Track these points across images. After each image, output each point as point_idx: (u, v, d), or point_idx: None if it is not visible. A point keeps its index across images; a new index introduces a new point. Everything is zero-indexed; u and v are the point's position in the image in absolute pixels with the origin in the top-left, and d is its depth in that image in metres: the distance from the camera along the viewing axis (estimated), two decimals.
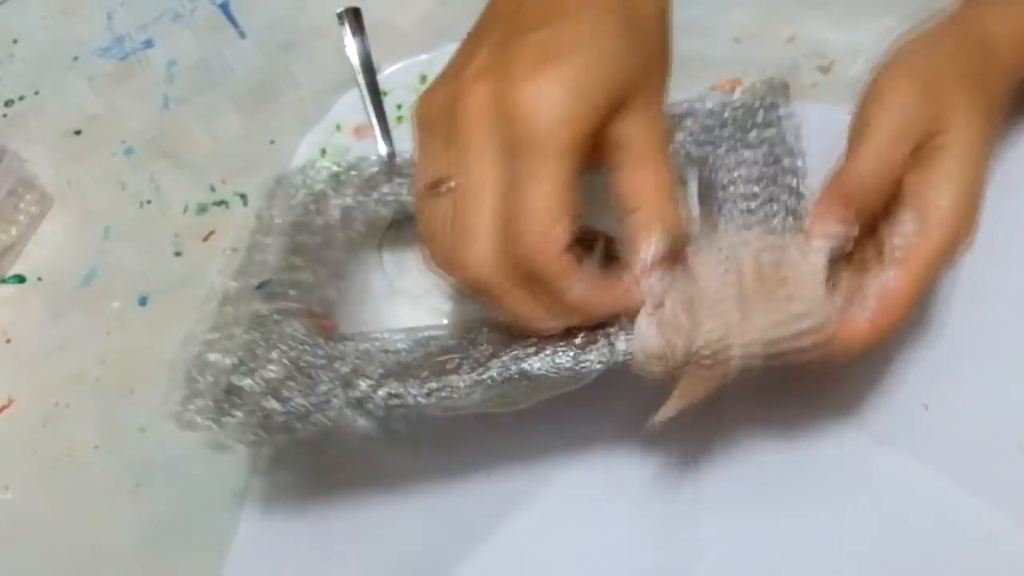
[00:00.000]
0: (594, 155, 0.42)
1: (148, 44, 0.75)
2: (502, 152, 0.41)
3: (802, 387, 0.55)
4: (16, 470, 0.62)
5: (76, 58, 0.75)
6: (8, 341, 0.66)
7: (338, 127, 0.61)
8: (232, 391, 0.49)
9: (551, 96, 0.40)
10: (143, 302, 0.66)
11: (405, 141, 0.57)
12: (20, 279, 0.68)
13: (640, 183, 0.43)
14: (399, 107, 0.66)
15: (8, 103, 0.75)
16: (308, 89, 0.70)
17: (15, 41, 0.77)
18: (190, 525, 0.59)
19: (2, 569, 0.60)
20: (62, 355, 0.65)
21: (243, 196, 0.68)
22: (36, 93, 0.75)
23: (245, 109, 0.71)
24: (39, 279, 0.68)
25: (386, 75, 0.68)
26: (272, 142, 0.69)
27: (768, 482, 0.53)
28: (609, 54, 0.41)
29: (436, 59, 0.67)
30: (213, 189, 0.69)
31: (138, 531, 0.59)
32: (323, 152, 0.60)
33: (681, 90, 0.61)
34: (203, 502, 0.59)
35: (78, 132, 0.73)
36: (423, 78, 0.67)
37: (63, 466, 0.62)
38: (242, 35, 0.74)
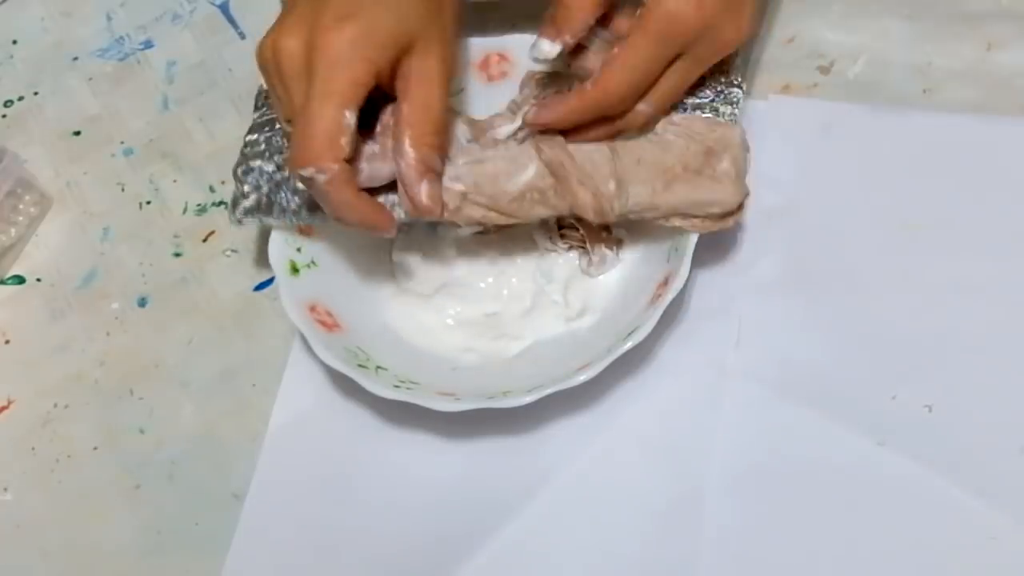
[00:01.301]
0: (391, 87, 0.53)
1: (148, 45, 0.75)
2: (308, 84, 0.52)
3: (802, 386, 0.55)
4: (16, 470, 0.62)
5: (75, 59, 0.75)
6: (8, 342, 0.66)
7: None
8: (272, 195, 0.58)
9: (342, 44, 0.51)
10: (143, 303, 0.66)
11: None
12: (19, 280, 0.68)
13: (410, 107, 0.53)
14: None
15: (7, 103, 0.74)
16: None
17: (15, 41, 0.77)
18: (190, 525, 0.59)
19: (2, 569, 0.60)
20: (62, 356, 0.65)
21: None
22: (35, 94, 0.74)
23: (245, 109, 0.70)
24: (38, 280, 0.68)
25: None
26: None
27: (770, 483, 0.53)
28: (393, 11, 0.52)
29: None
30: (213, 190, 0.69)
31: (138, 531, 0.59)
32: None
33: None
34: (203, 502, 0.59)
35: (77, 133, 0.72)
36: None
37: (63, 467, 0.62)
38: (242, 36, 0.74)
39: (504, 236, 0.60)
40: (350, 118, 0.51)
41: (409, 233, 0.60)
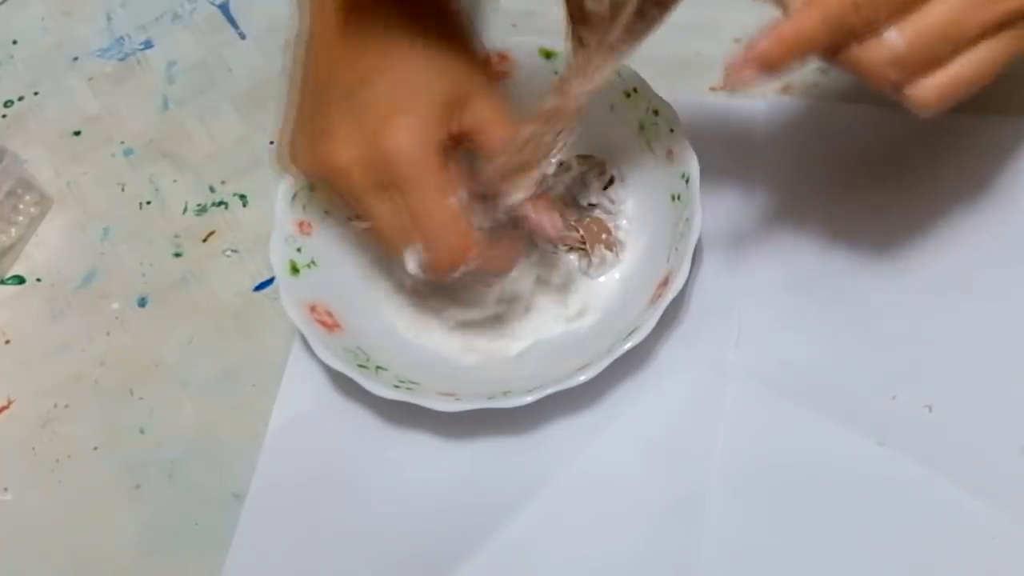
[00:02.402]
0: (467, 148, 0.53)
1: (148, 45, 0.75)
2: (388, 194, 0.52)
3: (802, 386, 0.55)
4: (16, 470, 0.62)
5: (76, 59, 0.75)
6: (7, 342, 0.66)
7: None
8: None
9: (407, 141, 0.50)
10: (143, 303, 0.66)
11: None
12: (19, 280, 0.68)
13: (496, 144, 0.52)
14: None
15: (7, 104, 0.74)
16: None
17: (15, 41, 0.77)
18: (190, 525, 0.59)
19: (2, 569, 0.60)
20: (62, 356, 0.65)
21: (243, 197, 0.68)
22: (35, 94, 0.75)
23: (245, 110, 0.71)
24: (38, 280, 0.68)
25: None
26: (272, 143, 0.69)
27: (769, 482, 0.53)
28: (425, 84, 0.51)
29: None
30: (213, 190, 0.69)
31: (138, 531, 0.59)
32: None
33: (681, 90, 0.61)
34: (203, 502, 0.59)
35: (77, 133, 0.73)
36: None
37: (63, 467, 0.62)
38: (242, 36, 0.74)
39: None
40: (461, 199, 0.51)
41: None
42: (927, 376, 0.54)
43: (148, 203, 0.69)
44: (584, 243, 0.59)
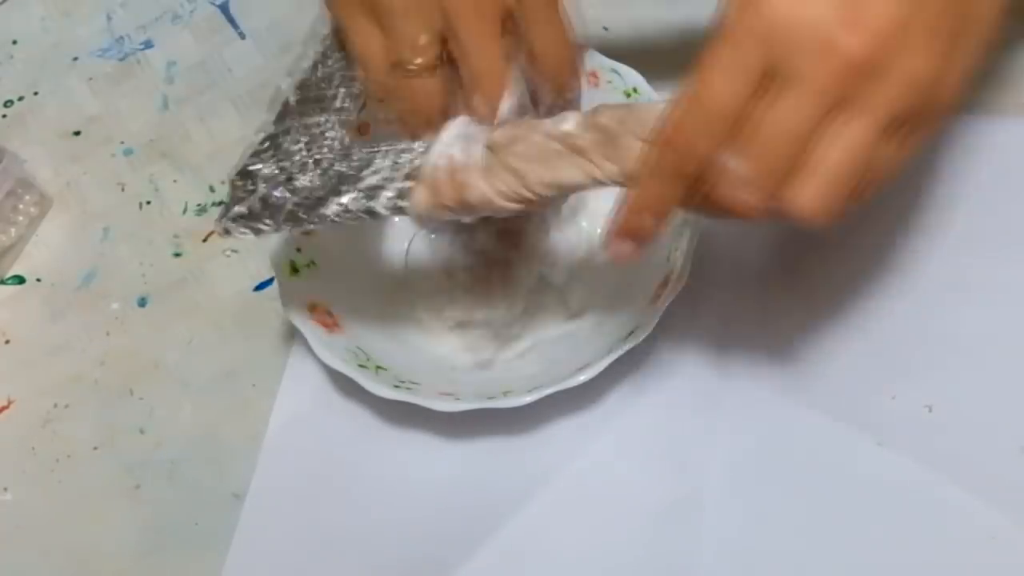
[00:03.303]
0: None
1: (147, 45, 0.75)
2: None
3: (802, 386, 0.55)
4: (16, 470, 0.62)
5: (75, 58, 0.75)
6: (7, 342, 0.66)
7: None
8: (247, 174, 0.53)
9: None
10: (142, 303, 0.66)
11: None
12: (19, 280, 0.68)
13: (539, 31, 0.50)
14: None
15: (7, 103, 0.74)
16: None
17: (14, 41, 0.77)
18: (190, 525, 0.59)
19: (2, 569, 0.60)
20: (62, 356, 0.65)
21: None
22: (35, 94, 0.75)
23: (245, 110, 0.71)
24: (38, 280, 0.68)
25: None
26: None
27: (769, 483, 0.53)
28: None
29: None
30: (212, 190, 0.69)
31: (138, 531, 0.59)
32: None
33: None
34: (203, 502, 0.59)
35: (77, 133, 0.73)
36: None
37: (63, 467, 0.62)
38: (242, 36, 0.74)
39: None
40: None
41: (423, 236, 0.61)
42: (927, 376, 0.54)
43: (148, 203, 0.69)
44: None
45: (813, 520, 0.52)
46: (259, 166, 0.54)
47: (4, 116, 0.74)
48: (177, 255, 0.67)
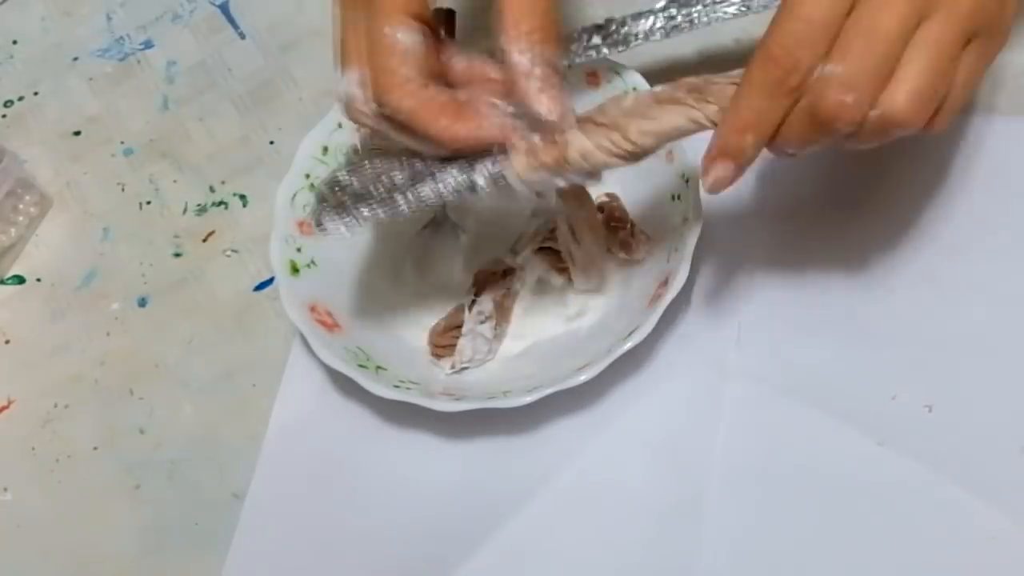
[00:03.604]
0: None
1: (147, 45, 0.75)
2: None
3: (802, 386, 0.55)
4: (16, 470, 0.62)
5: (76, 59, 0.75)
6: (8, 342, 0.66)
7: (340, 125, 0.61)
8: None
9: None
10: (143, 303, 0.66)
11: None
12: (19, 280, 0.68)
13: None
14: None
15: (7, 104, 0.75)
16: (308, 89, 0.70)
17: (15, 41, 0.77)
18: (190, 525, 0.59)
19: (2, 569, 0.60)
20: (62, 356, 0.65)
21: (243, 197, 0.68)
22: (35, 94, 0.75)
23: (244, 109, 0.71)
24: (38, 280, 0.68)
25: None
26: (271, 143, 0.69)
27: (769, 483, 0.53)
28: None
29: None
30: (212, 190, 0.69)
31: (138, 531, 0.59)
32: (325, 150, 0.60)
33: None
34: (203, 502, 0.59)
35: (77, 133, 0.73)
36: None
37: (63, 467, 0.62)
38: (242, 36, 0.74)
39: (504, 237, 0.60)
40: (404, 38, 0.47)
41: (434, 234, 0.61)
42: (927, 376, 0.54)
43: (148, 203, 0.69)
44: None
45: (813, 520, 0.52)
46: (347, 177, 0.53)
47: (4, 116, 0.74)
48: (177, 255, 0.67)
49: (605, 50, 0.59)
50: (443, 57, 0.50)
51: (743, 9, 0.58)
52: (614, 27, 0.59)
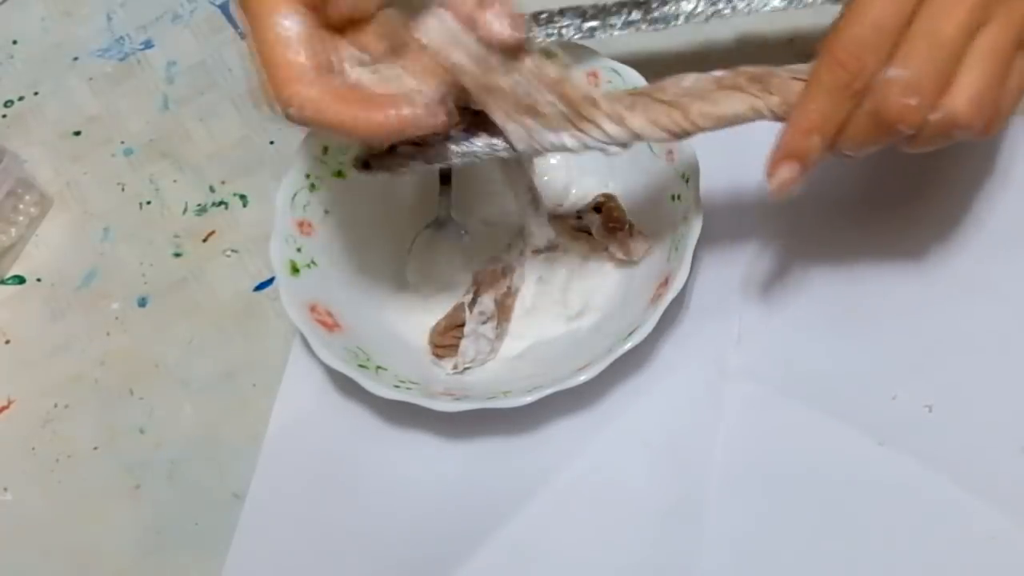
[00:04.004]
0: None
1: (148, 45, 0.75)
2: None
3: (803, 386, 0.55)
4: (16, 470, 0.62)
5: (76, 59, 0.75)
6: (8, 342, 0.66)
7: None
8: None
9: None
10: (143, 303, 0.66)
11: None
12: (20, 280, 0.68)
13: None
14: None
15: (7, 103, 0.75)
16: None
17: (15, 41, 0.77)
18: (190, 525, 0.59)
19: (2, 569, 0.60)
20: (62, 356, 0.65)
21: (243, 197, 0.68)
22: (36, 94, 0.75)
23: (245, 110, 0.71)
24: (38, 280, 0.68)
25: None
26: (272, 143, 0.69)
27: (770, 482, 0.53)
28: None
29: None
30: (212, 190, 0.69)
31: (138, 531, 0.59)
32: (325, 150, 0.60)
33: None
34: (203, 502, 0.59)
35: (77, 133, 0.73)
36: None
37: (63, 467, 0.62)
38: (241, 36, 0.74)
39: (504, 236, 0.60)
40: (289, 26, 0.45)
41: (435, 234, 0.61)
42: (927, 376, 0.54)
43: (148, 203, 0.69)
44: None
45: (814, 520, 0.52)
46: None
47: (4, 116, 0.74)
48: (177, 255, 0.67)
49: (643, 26, 0.60)
50: (351, 35, 0.48)
51: (787, 2, 0.58)
52: (656, 5, 0.60)
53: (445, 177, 0.61)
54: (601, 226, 0.59)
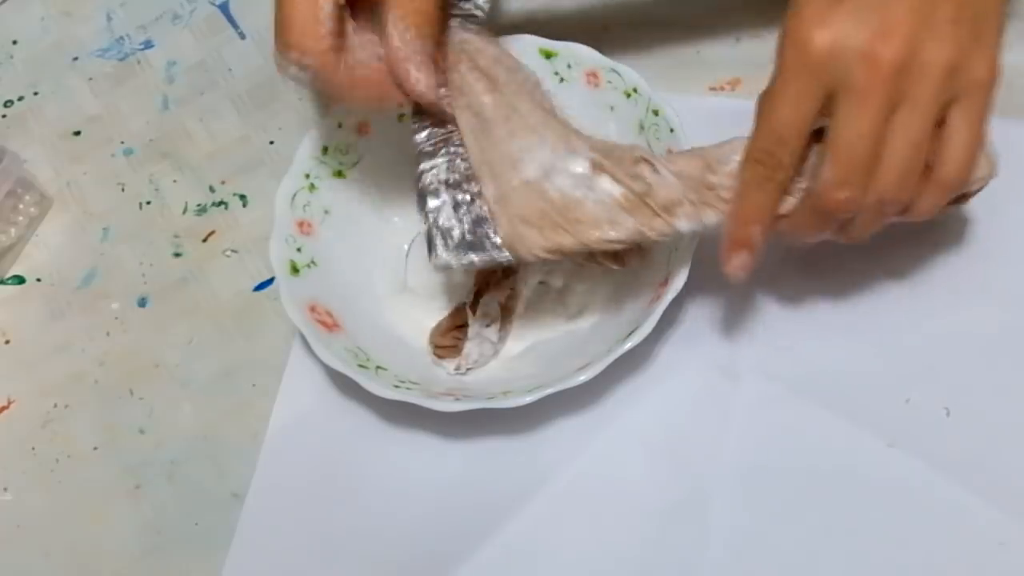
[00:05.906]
0: None
1: (147, 45, 0.75)
2: None
3: (814, 387, 0.55)
4: (16, 470, 0.62)
5: (76, 58, 0.75)
6: (8, 342, 0.66)
7: (340, 125, 0.61)
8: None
9: None
10: (142, 303, 0.66)
11: None
12: (19, 280, 0.68)
13: None
14: None
15: (7, 103, 0.74)
16: (308, 89, 0.70)
17: (15, 41, 0.77)
18: (190, 525, 0.59)
19: (2, 569, 0.60)
20: (62, 356, 0.65)
21: (242, 197, 0.68)
22: (35, 94, 0.75)
23: (244, 110, 0.71)
24: (38, 280, 0.68)
25: None
26: (271, 143, 0.69)
27: (778, 483, 0.53)
28: None
29: None
30: (212, 190, 0.69)
31: (138, 531, 0.59)
32: (325, 151, 0.60)
33: (680, 90, 0.61)
34: (203, 502, 0.59)
35: (77, 133, 0.73)
36: None
37: (63, 467, 0.62)
38: (241, 36, 0.74)
39: None
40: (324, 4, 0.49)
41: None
42: (941, 379, 0.54)
43: (148, 203, 0.69)
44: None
45: (821, 521, 0.52)
46: (444, 195, 0.53)
47: (4, 116, 0.74)
48: (177, 255, 0.67)
49: None
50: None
51: None
52: None
53: None
54: None
